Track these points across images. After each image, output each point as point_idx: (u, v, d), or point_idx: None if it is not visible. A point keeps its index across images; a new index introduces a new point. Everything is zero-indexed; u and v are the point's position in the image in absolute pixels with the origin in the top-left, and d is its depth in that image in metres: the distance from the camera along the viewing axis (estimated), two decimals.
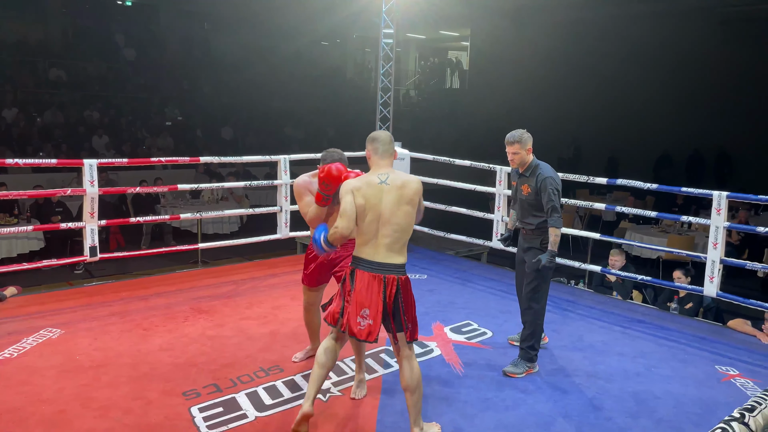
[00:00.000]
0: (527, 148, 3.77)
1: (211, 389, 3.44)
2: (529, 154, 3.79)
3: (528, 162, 3.80)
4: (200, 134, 14.42)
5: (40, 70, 14.55)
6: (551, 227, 3.69)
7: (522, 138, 3.77)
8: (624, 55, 14.88)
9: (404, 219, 2.88)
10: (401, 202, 2.87)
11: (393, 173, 2.94)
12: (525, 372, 3.75)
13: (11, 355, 3.76)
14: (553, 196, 3.69)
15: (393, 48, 7.75)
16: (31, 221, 7.89)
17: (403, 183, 2.89)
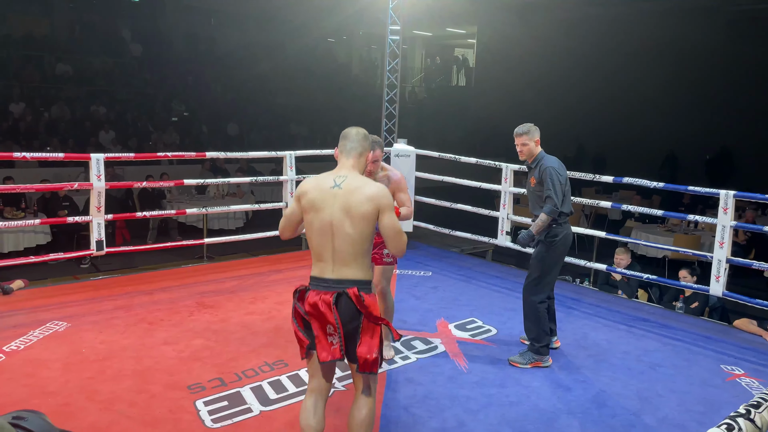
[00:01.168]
0: (535, 139, 3.81)
1: (216, 383, 3.45)
2: (537, 146, 3.83)
3: (535, 154, 3.84)
4: (205, 130, 14.45)
5: (46, 65, 14.59)
6: (542, 212, 3.72)
7: (530, 130, 3.82)
8: (630, 53, 14.83)
9: (353, 230, 2.40)
10: (350, 209, 2.40)
11: (352, 176, 2.47)
12: (530, 364, 3.78)
13: (18, 348, 3.79)
14: (551, 185, 3.69)
15: (399, 45, 7.74)
16: (38, 215, 7.91)
17: (355, 188, 2.42)
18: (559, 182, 3.71)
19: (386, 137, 7.82)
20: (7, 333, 3.98)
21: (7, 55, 14.07)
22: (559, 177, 3.72)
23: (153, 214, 6.38)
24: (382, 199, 2.42)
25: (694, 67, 14.05)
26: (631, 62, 14.88)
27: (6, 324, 4.14)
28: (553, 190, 3.68)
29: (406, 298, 5.02)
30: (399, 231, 2.47)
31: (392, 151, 6.70)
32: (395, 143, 7.13)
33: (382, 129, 7.85)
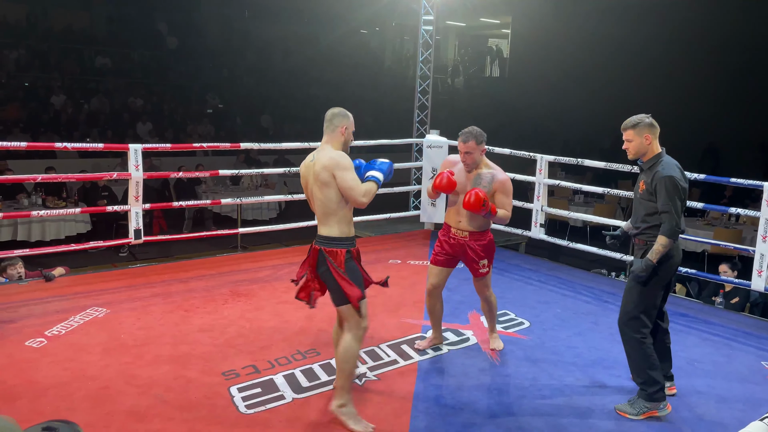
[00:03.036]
0: (644, 135, 3.17)
1: (250, 370, 3.50)
2: (648, 143, 3.18)
3: (649, 153, 3.19)
4: (240, 122, 14.61)
5: (86, 58, 14.93)
6: (660, 234, 3.08)
7: (637, 123, 3.21)
8: (670, 40, 14.42)
9: (319, 195, 2.93)
10: (317, 178, 2.92)
11: (322, 150, 2.98)
12: (643, 414, 3.15)
13: (59, 333, 3.90)
14: (669, 198, 3.04)
15: (432, 35, 7.68)
16: (79, 204, 8.13)
17: (316, 160, 2.95)
18: (679, 196, 3.07)
19: (418, 128, 7.79)
20: (50, 318, 4.10)
21: (48, 49, 14.44)
22: (679, 190, 3.07)
23: (189, 204, 6.49)
24: (330, 162, 2.90)
25: (736, 56, 13.61)
26: (671, 50, 14.48)
27: (48, 309, 4.27)
28: (673, 205, 3.04)
29: None
30: (350, 188, 2.90)
31: (425, 142, 6.67)
32: (427, 134, 7.09)
33: (414, 120, 7.82)
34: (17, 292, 4.57)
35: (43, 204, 7.94)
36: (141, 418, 2.98)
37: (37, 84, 13.60)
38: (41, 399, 3.11)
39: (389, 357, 3.74)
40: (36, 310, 4.26)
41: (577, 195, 10.22)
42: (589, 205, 9.94)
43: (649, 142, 3.20)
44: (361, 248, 3.13)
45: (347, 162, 2.92)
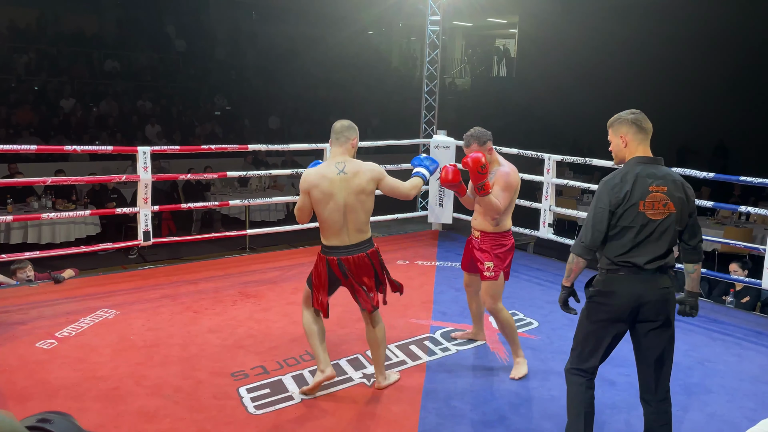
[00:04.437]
0: (619, 134, 2.63)
1: (259, 371, 3.51)
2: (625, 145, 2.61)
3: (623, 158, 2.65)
4: (248, 124, 14.66)
5: (95, 61, 15.02)
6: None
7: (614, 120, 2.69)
8: (678, 38, 14.34)
9: (360, 205, 3.08)
10: (357, 190, 3.06)
11: (349, 161, 3.11)
12: None
13: (69, 334, 3.93)
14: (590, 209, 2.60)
15: (439, 35, 7.68)
16: (88, 207, 8.18)
17: (357, 171, 3.07)
18: (595, 207, 2.54)
19: (425, 128, 7.79)
20: (60, 320, 4.13)
21: (58, 52, 14.54)
22: (601, 198, 2.53)
23: (197, 205, 6.52)
24: (375, 173, 3.11)
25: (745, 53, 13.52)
26: (679, 48, 14.40)
27: (58, 311, 4.30)
28: (589, 215, 2.58)
29: (446, 290, 5.00)
30: (395, 187, 3.19)
31: (432, 143, 6.67)
32: (435, 134, 7.09)
33: (421, 120, 7.82)
34: (28, 294, 4.61)
35: (53, 206, 8.00)
36: (151, 419, 3.00)
37: (47, 87, 13.70)
38: (52, 400, 3.13)
39: (398, 357, 3.74)
40: (46, 311, 4.29)
41: (585, 194, 10.19)
42: None
43: (625, 144, 2.60)
44: None
45: (380, 169, 3.17)
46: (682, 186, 2.56)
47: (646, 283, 2.51)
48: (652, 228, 2.50)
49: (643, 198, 2.49)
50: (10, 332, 3.91)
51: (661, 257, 2.52)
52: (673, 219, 2.52)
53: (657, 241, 2.50)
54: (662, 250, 2.51)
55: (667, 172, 2.57)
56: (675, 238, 2.56)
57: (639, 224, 2.49)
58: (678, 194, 2.53)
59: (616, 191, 2.51)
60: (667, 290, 2.55)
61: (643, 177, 2.51)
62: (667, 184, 2.52)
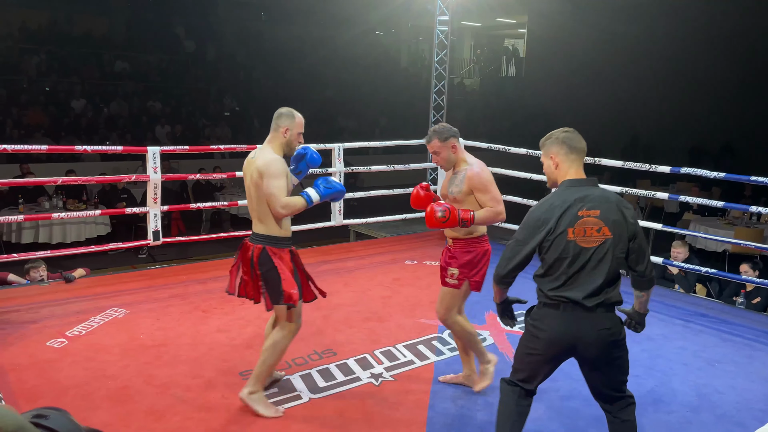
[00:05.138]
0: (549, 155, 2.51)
1: None
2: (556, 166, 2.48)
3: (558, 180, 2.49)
4: (257, 124, 14.71)
5: (105, 62, 15.13)
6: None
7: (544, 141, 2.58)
8: (687, 38, 14.27)
9: (253, 194, 2.98)
10: (250, 179, 2.99)
11: (262, 150, 3.01)
12: None
13: (80, 333, 3.95)
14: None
15: (448, 35, 7.67)
16: (99, 207, 8.24)
17: (255, 160, 2.97)
18: (515, 238, 2.40)
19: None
20: (70, 319, 4.16)
21: (68, 54, 14.66)
22: (520, 230, 2.40)
23: (206, 205, 6.54)
24: (261, 168, 2.91)
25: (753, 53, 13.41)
26: (688, 49, 14.33)
27: (69, 310, 4.33)
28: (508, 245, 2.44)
29: None
30: (271, 194, 2.91)
31: None
32: None
33: (430, 120, 7.81)
34: (39, 293, 4.64)
35: (64, 206, 8.06)
36: (159, 418, 3.01)
37: (58, 88, 13.81)
38: (62, 398, 3.15)
39: (405, 357, 3.74)
40: (57, 310, 4.33)
41: None
42: None
43: (556, 166, 2.45)
44: (378, 249, 3.14)
45: (275, 170, 2.91)
46: (618, 207, 2.32)
47: (583, 322, 2.30)
48: (586, 257, 2.28)
49: (572, 225, 2.29)
50: (21, 331, 3.94)
51: (599, 291, 2.29)
52: (610, 245, 2.28)
53: (593, 272, 2.28)
54: (600, 280, 2.28)
55: (601, 193, 2.35)
56: (616, 266, 2.31)
57: (571, 254, 2.28)
58: (613, 217, 2.29)
59: (539, 225, 2.33)
60: (608, 331, 2.30)
61: (572, 202, 2.31)
62: (599, 206, 2.30)
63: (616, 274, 2.34)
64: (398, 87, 17.87)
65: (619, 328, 2.36)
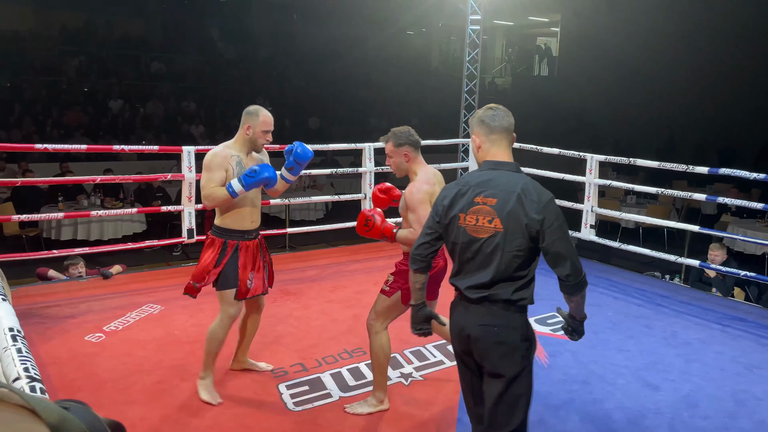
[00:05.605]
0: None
1: (298, 368, 3.56)
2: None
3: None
4: (288, 124, 14.86)
5: (142, 63, 15.46)
6: None
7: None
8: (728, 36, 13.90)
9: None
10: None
11: (222, 145, 3.16)
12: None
13: (117, 328, 4.05)
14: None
15: (479, 35, 7.63)
16: (135, 205, 8.42)
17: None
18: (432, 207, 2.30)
19: (465, 128, 7.75)
20: (108, 314, 4.27)
21: (107, 55, 15.03)
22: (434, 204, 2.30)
23: None
24: (204, 161, 3.06)
25: None
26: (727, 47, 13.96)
27: (106, 306, 4.44)
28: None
29: None
30: (201, 186, 3.04)
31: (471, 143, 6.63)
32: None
33: (461, 120, 7.78)
34: (78, 289, 4.77)
35: (101, 204, 8.26)
36: (194, 413, 3.07)
37: (97, 89, 14.17)
38: (100, 392, 3.24)
39: (435, 357, 3.74)
40: (95, 306, 4.44)
41: (629, 195, 9.97)
42: (642, 205, 9.67)
43: (479, 147, 2.24)
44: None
45: (208, 162, 3.04)
46: (520, 199, 2.04)
47: (468, 314, 2.13)
48: (476, 247, 2.09)
49: (465, 211, 2.11)
50: (60, 325, 4.05)
51: (488, 285, 2.08)
52: (501, 239, 2.05)
53: (483, 265, 2.09)
54: (489, 276, 2.07)
55: (508, 180, 2.09)
56: (510, 263, 2.07)
57: (461, 242, 2.12)
58: (510, 209, 2.04)
59: (437, 206, 2.19)
60: (492, 329, 2.08)
61: (472, 186, 2.12)
62: (498, 195, 2.07)
63: (514, 271, 2.07)
64: (429, 87, 17.84)
65: (513, 332, 2.09)
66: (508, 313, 2.10)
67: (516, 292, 2.09)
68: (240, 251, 3.11)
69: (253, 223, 3.18)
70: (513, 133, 2.21)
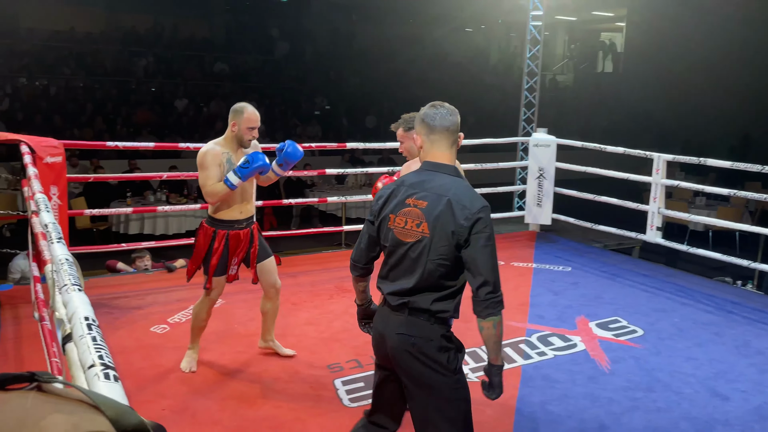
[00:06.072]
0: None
1: (353, 364, 3.57)
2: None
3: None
4: (345, 122, 15.00)
5: (206, 63, 15.93)
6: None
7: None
8: None
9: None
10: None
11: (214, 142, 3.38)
12: None
13: (180, 320, 4.18)
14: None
15: (541, 31, 7.47)
16: (198, 201, 8.68)
17: None
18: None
19: (524, 127, 7.61)
20: (172, 306, 4.41)
21: (173, 56, 15.55)
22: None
23: (297, 201, 6.74)
24: (197, 159, 3.25)
25: None
26: None
27: (171, 298, 4.59)
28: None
29: (543, 292, 4.86)
30: (201, 185, 3.25)
31: (531, 141, 6.50)
32: (534, 133, 6.90)
33: (520, 118, 7.65)
34: (144, 281, 4.95)
35: (166, 200, 8.56)
36: (251, 405, 3.13)
37: (163, 89, 14.69)
38: (164, 381, 3.35)
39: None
40: (160, 298, 4.60)
41: (698, 197, 9.56)
42: (712, 208, 9.25)
43: (420, 147, 2.11)
44: None
45: (202, 160, 3.21)
46: (450, 204, 1.93)
47: (388, 322, 2.04)
48: (402, 251, 2.00)
49: (395, 212, 2.01)
50: (128, 316, 4.22)
51: (409, 292, 1.99)
52: (426, 245, 1.94)
53: (408, 270, 1.99)
54: (411, 282, 1.97)
55: (441, 183, 1.98)
56: (434, 272, 1.95)
57: (389, 244, 2.03)
58: (438, 214, 1.93)
59: (378, 197, 2.10)
60: (408, 338, 1.97)
61: (408, 185, 2.02)
62: (428, 198, 1.97)
63: (438, 280, 1.96)
64: (487, 84, 17.64)
65: (430, 344, 1.97)
66: (426, 323, 1.98)
67: (436, 302, 1.97)
68: (230, 240, 3.33)
69: (242, 214, 3.37)
70: (458, 133, 2.07)
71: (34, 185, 3.09)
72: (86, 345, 1.11)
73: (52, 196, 4.09)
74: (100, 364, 1.03)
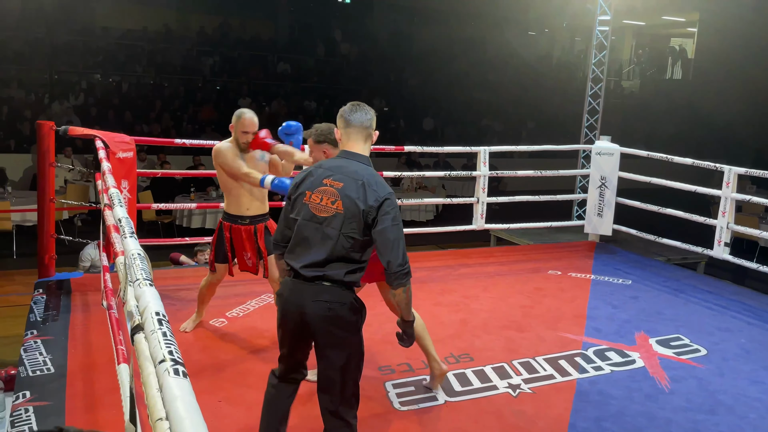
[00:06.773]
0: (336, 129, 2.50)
1: (404, 368, 3.59)
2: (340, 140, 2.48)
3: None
4: (403, 124, 15.02)
5: (269, 63, 16.28)
6: None
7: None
8: None
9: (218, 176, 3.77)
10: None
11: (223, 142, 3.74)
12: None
13: (237, 315, 4.30)
14: None
15: (608, 36, 7.30)
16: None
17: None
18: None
19: (587, 134, 7.44)
20: (230, 301, 4.53)
21: (238, 56, 15.97)
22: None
23: None
24: (214, 156, 3.65)
25: None
26: None
27: (229, 293, 4.71)
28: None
29: (601, 305, 4.74)
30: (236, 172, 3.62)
31: (593, 149, 6.34)
32: (597, 140, 6.74)
33: (583, 124, 7.48)
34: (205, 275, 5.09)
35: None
36: (304, 402, 3.18)
37: (228, 88, 15.11)
38: (221, 374, 3.45)
39: (546, 371, 3.62)
40: (219, 292, 4.69)
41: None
42: None
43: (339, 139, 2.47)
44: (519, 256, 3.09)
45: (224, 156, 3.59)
46: (364, 187, 2.25)
47: (303, 292, 2.27)
48: (315, 226, 2.27)
49: (312, 189, 2.31)
50: (189, 308, 4.35)
51: (319, 264, 2.25)
52: (340, 222, 2.23)
53: (319, 244, 2.26)
54: (323, 255, 2.24)
55: (356, 169, 2.30)
56: (344, 246, 2.24)
57: (302, 218, 2.29)
58: (354, 196, 2.24)
59: (295, 179, 2.40)
60: (325, 304, 2.24)
61: (324, 170, 2.34)
62: (344, 180, 2.27)
63: (348, 254, 2.25)
64: (548, 89, 17.31)
65: (344, 307, 2.26)
66: (339, 290, 2.26)
67: (348, 274, 2.27)
68: (233, 233, 3.69)
69: (248, 211, 3.69)
70: (372, 130, 2.41)
71: (108, 179, 3.24)
72: (157, 340, 1.16)
73: (122, 189, 4.28)
74: (170, 360, 1.08)
